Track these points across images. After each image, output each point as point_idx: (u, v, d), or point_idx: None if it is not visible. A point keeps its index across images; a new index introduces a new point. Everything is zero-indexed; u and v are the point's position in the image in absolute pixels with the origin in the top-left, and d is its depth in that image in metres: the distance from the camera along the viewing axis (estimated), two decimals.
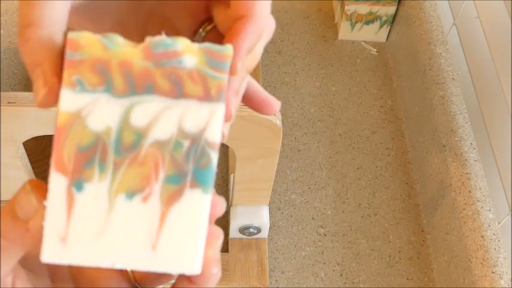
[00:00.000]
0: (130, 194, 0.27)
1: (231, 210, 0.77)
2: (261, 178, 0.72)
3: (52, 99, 0.26)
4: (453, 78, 0.88)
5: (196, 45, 0.27)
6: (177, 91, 0.27)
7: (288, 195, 0.90)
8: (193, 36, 0.33)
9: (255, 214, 0.77)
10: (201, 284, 0.28)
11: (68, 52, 0.26)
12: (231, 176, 0.81)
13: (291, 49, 1.08)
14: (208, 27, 0.33)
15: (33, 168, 0.71)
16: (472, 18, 0.88)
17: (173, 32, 0.32)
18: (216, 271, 0.28)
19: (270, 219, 0.83)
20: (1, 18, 0.89)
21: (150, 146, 0.27)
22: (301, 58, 1.06)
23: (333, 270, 0.83)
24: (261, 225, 0.78)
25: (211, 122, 0.27)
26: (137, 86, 0.27)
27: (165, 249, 0.27)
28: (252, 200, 0.76)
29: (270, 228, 0.86)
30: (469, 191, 0.76)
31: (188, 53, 0.27)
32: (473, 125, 0.83)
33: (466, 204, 0.76)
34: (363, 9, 1.03)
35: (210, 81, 0.27)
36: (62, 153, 0.26)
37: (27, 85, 0.92)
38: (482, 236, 0.73)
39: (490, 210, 0.75)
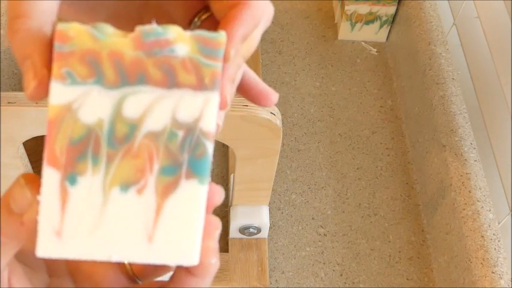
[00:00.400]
0: (125, 187, 0.26)
1: (231, 210, 0.77)
2: (261, 178, 0.71)
3: (42, 92, 0.26)
4: (453, 78, 0.88)
5: (188, 33, 0.26)
6: (170, 81, 0.26)
7: (288, 195, 0.90)
8: (188, 26, 0.33)
9: (255, 214, 0.77)
10: (200, 275, 0.28)
11: (57, 44, 0.26)
12: (231, 176, 0.81)
13: (291, 49, 1.08)
14: (204, 16, 0.32)
15: (33, 168, 0.71)
16: (472, 18, 0.88)
17: (168, 22, 0.31)
18: (214, 261, 0.28)
19: (270, 219, 0.83)
20: (1, 18, 0.89)
21: (143, 137, 0.26)
22: (301, 58, 1.06)
23: (333, 270, 0.83)
24: (261, 225, 0.78)
25: (205, 111, 0.26)
26: (129, 76, 0.26)
27: (162, 241, 0.27)
28: (252, 200, 0.76)
29: (270, 228, 0.85)
30: (469, 191, 0.76)
31: (180, 41, 0.26)
32: (473, 125, 0.83)
33: (466, 204, 0.76)
34: (363, 9, 1.03)
35: (204, 70, 0.26)
36: (54, 147, 0.26)
37: None
38: (482, 236, 0.72)
39: (490, 210, 0.75)
